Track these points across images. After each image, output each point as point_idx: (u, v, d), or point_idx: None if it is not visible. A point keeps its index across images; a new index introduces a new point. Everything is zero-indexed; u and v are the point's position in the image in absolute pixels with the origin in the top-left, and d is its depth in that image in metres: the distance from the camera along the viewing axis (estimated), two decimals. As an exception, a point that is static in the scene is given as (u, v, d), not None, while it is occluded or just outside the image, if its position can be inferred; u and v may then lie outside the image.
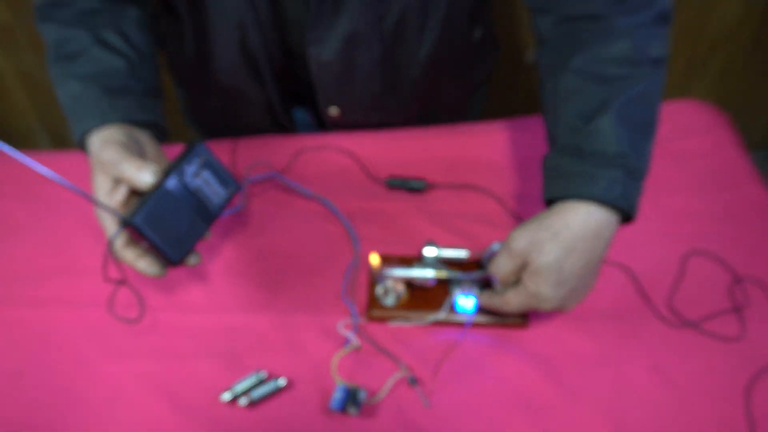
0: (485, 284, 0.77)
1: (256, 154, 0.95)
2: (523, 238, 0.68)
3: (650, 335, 0.75)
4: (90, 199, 0.64)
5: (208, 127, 1.08)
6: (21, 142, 1.83)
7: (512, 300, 0.71)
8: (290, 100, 1.01)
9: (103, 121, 0.71)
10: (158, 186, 0.64)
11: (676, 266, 0.81)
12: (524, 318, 0.76)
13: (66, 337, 0.78)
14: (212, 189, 0.69)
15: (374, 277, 0.79)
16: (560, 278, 0.67)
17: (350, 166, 0.94)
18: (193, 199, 0.67)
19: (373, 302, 0.78)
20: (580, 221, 0.66)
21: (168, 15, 0.91)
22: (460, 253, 0.78)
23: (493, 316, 0.76)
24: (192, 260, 0.70)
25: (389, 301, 0.77)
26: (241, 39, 0.85)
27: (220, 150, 0.96)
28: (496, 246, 0.74)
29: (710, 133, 0.96)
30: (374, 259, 0.75)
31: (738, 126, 0.98)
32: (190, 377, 0.74)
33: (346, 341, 0.75)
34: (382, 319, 0.77)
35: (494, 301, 0.73)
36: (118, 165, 0.65)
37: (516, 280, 0.71)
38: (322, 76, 0.89)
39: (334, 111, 0.95)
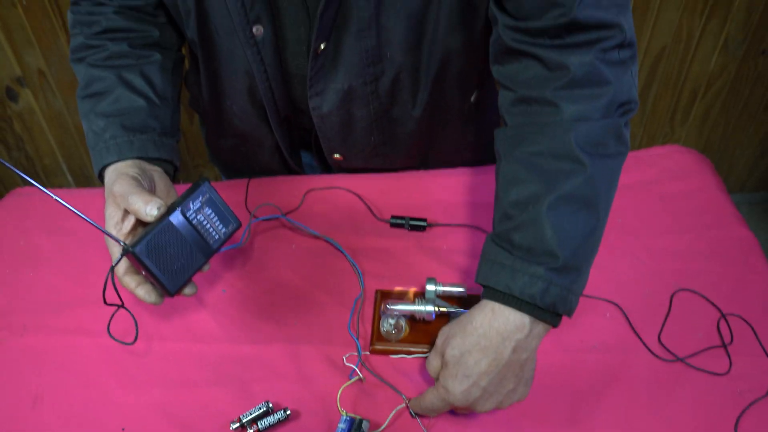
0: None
1: (266, 193, 0.96)
2: (442, 335, 0.67)
3: (641, 370, 0.74)
4: (98, 227, 0.64)
5: (225, 165, 1.09)
6: (47, 179, 1.84)
7: (427, 396, 0.67)
8: (297, 145, 1.01)
9: (120, 156, 0.73)
10: (162, 219, 0.65)
11: (665, 303, 0.81)
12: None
13: (84, 364, 0.77)
14: (213, 225, 0.69)
15: (378, 312, 0.78)
16: (465, 372, 0.63)
17: (355, 205, 0.94)
18: (194, 234, 0.67)
19: (377, 336, 0.77)
20: (486, 320, 0.63)
21: (190, 58, 0.93)
22: (459, 289, 0.77)
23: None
24: (188, 290, 0.70)
25: (392, 334, 0.77)
26: (249, 87, 0.86)
27: (235, 189, 0.97)
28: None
29: (694, 176, 0.96)
30: (378, 297, 0.75)
31: (718, 170, 0.99)
32: (201, 406, 0.73)
33: (350, 373, 0.74)
34: (385, 352, 0.76)
35: (416, 403, 0.69)
36: (128, 197, 0.66)
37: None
38: (324, 126, 0.89)
39: (337, 156, 0.96)
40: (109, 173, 0.72)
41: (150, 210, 0.64)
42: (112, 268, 0.65)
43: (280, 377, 0.75)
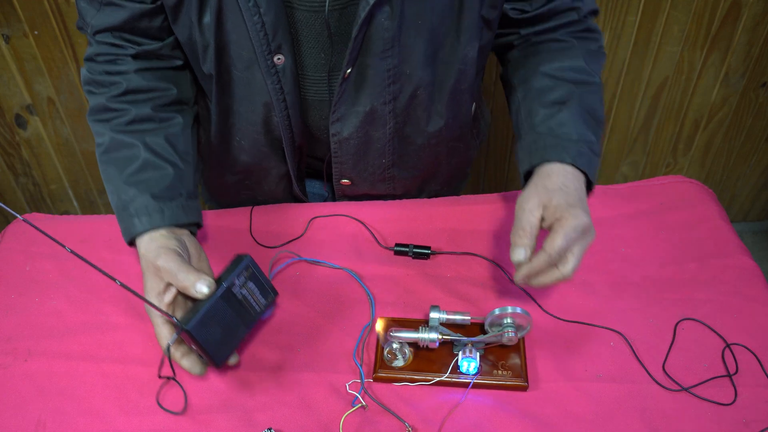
0: (487, 348, 0.77)
1: (270, 221, 0.97)
2: (531, 198, 0.75)
3: (645, 399, 0.74)
4: (146, 301, 0.69)
5: (224, 203, 1.06)
6: (53, 204, 1.86)
7: (557, 241, 0.71)
8: (304, 173, 1.02)
9: (153, 225, 0.76)
10: (210, 295, 0.69)
11: (669, 332, 0.81)
12: (524, 380, 0.75)
13: (87, 390, 0.77)
14: (255, 298, 0.74)
15: (381, 340, 0.78)
16: (583, 207, 0.74)
17: (359, 233, 0.95)
18: (238, 307, 0.72)
19: (381, 363, 0.77)
20: (565, 171, 0.77)
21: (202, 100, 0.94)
22: (463, 317, 0.78)
23: (494, 378, 0.75)
24: (232, 360, 0.74)
25: (396, 362, 0.77)
26: (264, 119, 0.87)
27: (237, 216, 0.98)
28: (496, 312, 0.74)
29: (697, 206, 0.97)
30: (380, 324, 0.75)
31: (721, 199, 1.00)
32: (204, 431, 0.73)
33: (353, 400, 0.74)
34: (388, 380, 0.76)
35: (532, 264, 0.72)
36: (177, 274, 0.70)
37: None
38: (340, 150, 0.90)
39: (345, 182, 0.97)
40: (145, 244, 0.75)
41: (200, 288, 0.69)
42: (169, 346, 0.70)
43: (283, 405, 0.75)
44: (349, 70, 0.79)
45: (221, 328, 0.70)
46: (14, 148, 1.70)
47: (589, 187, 0.80)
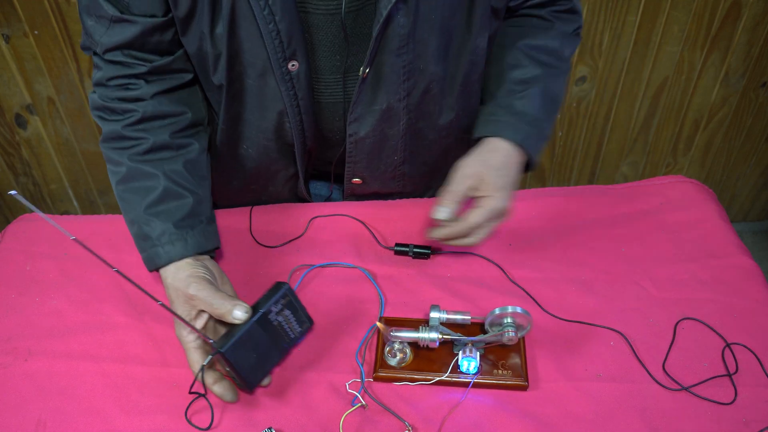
0: (487, 348, 0.77)
1: (270, 220, 0.97)
2: (471, 166, 0.81)
3: (645, 398, 0.74)
4: (184, 321, 0.70)
5: (224, 204, 1.04)
6: (53, 204, 1.86)
7: (478, 217, 0.79)
8: (311, 174, 1.02)
9: (177, 255, 0.77)
10: (246, 320, 0.70)
11: (669, 332, 0.81)
12: (524, 380, 0.75)
13: (87, 390, 0.77)
14: (290, 325, 0.75)
15: (382, 339, 0.78)
16: (506, 182, 0.82)
17: (359, 232, 0.95)
18: (273, 333, 0.73)
19: (381, 363, 0.77)
20: (510, 151, 0.84)
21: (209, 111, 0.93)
22: (463, 317, 0.78)
23: (494, 377, 0.75)
24: (265, 381, 0.75)
25: (396, 361, 0.77)
26: (276, 126, 0.87)
27: (238, 218, 0.98)
28: (496, 311, 0.74)
29: (697, 206, 0.97)
30: (381, 324, 0.75)
31: (721, 199, 1.00)
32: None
33: (353, 400, 0.74)
34: (388, 380, 0.76)
35: (451, 229, 0.80)
36: (212, 302, 0.71)
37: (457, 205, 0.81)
38: (355, 150, 0.90)
39: (356, 180, 0.96)
40: (172, 273, 0.77)
41: (237, 314, 0.70)
42: (203, 366, 0.71)
43: (283, 404, 0.75)
44: (368, 70, 0.79)
45: (255, 353, 0.72)
46: (14, 147, 1.70)
47: (531, 166, 0.89)
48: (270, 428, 0.71)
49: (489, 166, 0.81)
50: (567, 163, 1.83)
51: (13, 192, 0.56)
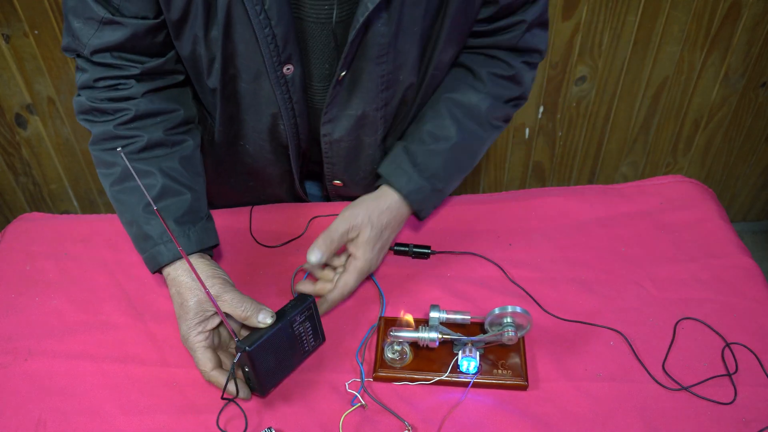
0: (487, 347, 0.77)
1: (270, 220, 0.97)
2: (356, 216, 0.83)
3: (645, 398, 0.74)
4: (222, 316, 0.70)
5: (221, 204, 1.04)
6: (53, 204, 1.86)
7: (345, 282, 0.82)
8: (305, 175, 1.02)
9: (180, 253, 0.76)
10: (272, 326, 0.71)
11: (669, 332, 0.81)
12: (524, 379, 0.75)
13: (87, 390, 0.77)
14: (307, 337, 0.76)
15: (382, 339, 0.78)
16: (381, 251, 0.86)
17: (360, 231, 0.95)
18: (293, 342, 0.74)
19: (381, 363, 0.77)
20: (399, 204, 0.86)
21: (201, 110, 0.93)
22: (463, 316, 0.78)
23: (494, 377, 0.75)
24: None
25: (396, 361, 0.77)
26: (270, 126, 0.87)
27: (238, 218, 0.98)
28: (496, 311, 0.74)
29: (697, 206, 0.97)
30: (382, 323, 0.75)
31: (720, 199, 1.00)
32: (204, 431, 0.73)
33: (352, 399, 0.74)
34: (388, 379, 0.76)
35: (321, 287, 0.83)
36: (240, 304, 0.72)
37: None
38: (331, 152, 0.91)
39: (337, 183, 0.97)
40: (186, 269, 0.76)
41: (264, 319, 0.72)
42: (234, 365, 0.71)
43: (283, 403, 0.75)
44: (343, 74, 0.79)
45: (275, 359, 0.72)
46: (14, 147, 1.70)
47: (420, 216, 0.90)
48: (270, 428, 0.71)
49: (372, 220, 0.83)
50: (567, 163, 1.83)
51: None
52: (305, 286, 0.85)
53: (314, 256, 0.80)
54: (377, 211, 0.84)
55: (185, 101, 0.86)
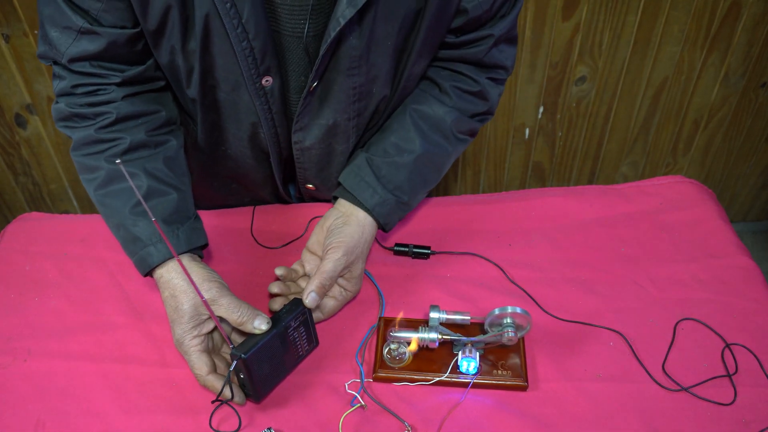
0: (487, 348, 0.77)
1: (270, 221, 0.97)
2: (348, 255, 0.80)
3: (645, 398, 0.74)
4: (218, 323, 0.71)
5: (207, 206, 1.01)
6: (53, 204, 1.86)
7: (332, 307, 0.82)
8: (288, 178, 1.01)
9: (170, 252, 0.75)
10: (267, 332, 0.71)
11: (668, 332, 0.81)
12: (524, 380, 0.75)
13: (86, 390, 0.77)
14: (301, 342, 0.76)
15: (382, 339, 0.78)
16: (361, 277, 0.85)
17: (360, 232, 0.95)
18: (288, 348, 0.74)
19: (380, 363, 0.77)
20: (368, 224, 0.84)
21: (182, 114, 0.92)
22: (463, 317, 0.78)
23: (494, 377, 0.75)
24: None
25: (396, 362, 0.77)
26: (251, 135, 0.87)
27: (238, 218, 0.98)
28: (496, 312, 0.74)
29: (696, 206, 0.97)
30: (382, 323, 0.75)
31: (720, 199, 1.00)
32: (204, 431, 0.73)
33: (352, 400, 0.74)
34: (388, 380, 0.76)
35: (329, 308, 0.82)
36: (236, 309, 0.72)
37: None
38: (303, 158, 0.90)
39: (309, 186, 0.97)
40: (177, 270, 0.75)
41: (259, 325, 0.72)
42: (230, 371, 0.71)
43: (282, 404, 0.75)
44: (315, 84, 0.79)
45: (270, 365, 0.72)
46: (14, 147, 1.69)
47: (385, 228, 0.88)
48: (270, 428, 0.71)
49: (357, 254, 0.82)
50: (567, 163, 1.83)
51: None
52: (277, 287, 0.83)
53: (314, 301, 0.77)
54: (357, 232, 0.83)
55: (166, 103, 0.86)
